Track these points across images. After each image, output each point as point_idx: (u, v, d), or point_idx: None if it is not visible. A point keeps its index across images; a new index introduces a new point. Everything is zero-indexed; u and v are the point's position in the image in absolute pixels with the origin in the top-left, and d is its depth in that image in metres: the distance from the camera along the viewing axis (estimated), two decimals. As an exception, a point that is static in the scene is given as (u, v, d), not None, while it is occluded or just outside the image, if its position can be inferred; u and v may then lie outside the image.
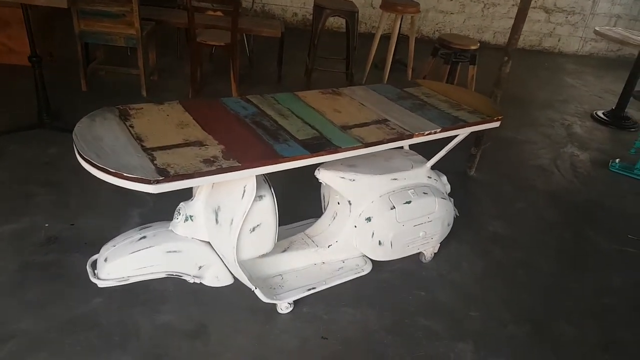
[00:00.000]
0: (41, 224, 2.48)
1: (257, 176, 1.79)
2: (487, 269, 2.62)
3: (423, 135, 2.05)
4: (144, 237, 1.90)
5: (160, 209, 2.69)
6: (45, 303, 2.06)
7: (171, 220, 2.00)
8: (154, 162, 1.55)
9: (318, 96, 2.27)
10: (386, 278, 2.43)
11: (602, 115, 4.82)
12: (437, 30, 6.89)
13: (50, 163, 2.99)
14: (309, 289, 2.17)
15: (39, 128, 3.30)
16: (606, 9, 6.86)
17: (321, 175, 2.13)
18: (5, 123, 3.30)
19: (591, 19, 6.91)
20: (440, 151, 2.38)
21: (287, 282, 2.19)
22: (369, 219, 2.21)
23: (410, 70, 4.92)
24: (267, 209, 1.87)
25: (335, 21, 6.43)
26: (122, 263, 1.86)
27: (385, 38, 4.98)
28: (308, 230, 2.39)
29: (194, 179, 1.54)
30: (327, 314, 2.20)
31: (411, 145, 2.46)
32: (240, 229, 1.81)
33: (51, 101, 3.33)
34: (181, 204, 1.96)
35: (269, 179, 1.97)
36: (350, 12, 4.41)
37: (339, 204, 2.31)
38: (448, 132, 2.14)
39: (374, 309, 2.26)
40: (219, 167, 1.58)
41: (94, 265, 1.95)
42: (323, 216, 2.41)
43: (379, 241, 2.24)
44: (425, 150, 2.43)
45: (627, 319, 2.40)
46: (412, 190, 2.27)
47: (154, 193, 1.50)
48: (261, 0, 6.52)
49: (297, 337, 2.07)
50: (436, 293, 2.40)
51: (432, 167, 2.42)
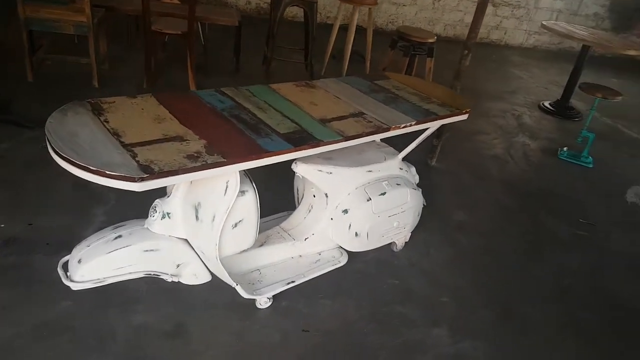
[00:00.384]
0: (-4, 225, 2.34)
1: (239, 171, 1.76)
2: (455, 256, 2.71)
3: (399, 128, 2.08)
4: (120, 236, 1.83)
5: (124, 205, 2.58)
6: (9, 308, 1.94)
7: (141, 217, 1.93)
8: (136, 159, 1.49)
9: (293, 89, 2.25)
10: (361, 268, 2.46)
11: (549, 106, 5.08)
12: (390, 22, 6.98)
13: (0, 158, 2.81)
14: (288, 283, 2.16)
15: (-16, 121, 3.09)
16: (549, 3, 7.19)
17: (299, 168, 2.12)
18: (-54, 116, 3.07)
19: (535, 13, 7.23)
20: (412, 143, 2.43)
21: (266, 277, 2.17)
22: (345, 211, 2.22)
23: (369, 62, 4.96)
24: (250, 204, 1.85)
25: (290, 10, 6.36)
26: (98, 264, 1.78)
27: (341, 29, 4.98)
28: (283, 224, 2.38)
29: (179, 176, 1.49)
30: (306, 307, 2.20)
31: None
32: (223, 225, 1.78)
33: (-5, 92, 3.13)
34: (157, 201, 1.89)
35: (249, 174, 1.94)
36: (309, 2, 4.38)
37: (314, 196, 2.31)
38: (422, 125, 2.19)
39: (352, 299, 2.28)
40: (203, 163, 1.54)
41: (65, 267, 1.86)
42: (298, 209, 2.40)
43: (356, 232, 2.26)
44: (390, 142, 2.46)
45: (587, 300, 2.56)
46: (386, 181, 2.31)
47: (138, 191, 1.44)
48: (213, -13, 6.35)
49: (278, 331, 2.07)
50: (409, 281, 2.46)
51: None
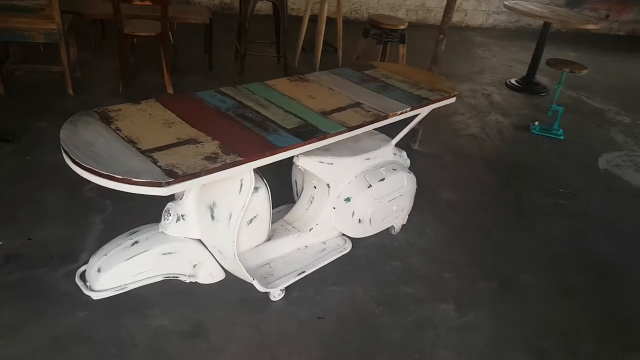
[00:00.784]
0: (-5, 243, 2.30)
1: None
2: (449, 234, 2.83)
3: (396, 115, 2.16)
4: (137, 242, 1.84)
5: (121, 212, 2.58)
6: (23, 325, 1.93)
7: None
8: (158, 164, 1.51)
9: (288, 84, 2.29)
10: (363, 254, 2.54)
11: (515, 83, 5.27)
12: (354, 11, 7.05)
13: (-15, 175, 2.74)
14: (299, 274, 2.22)
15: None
16: (504, -16, 7.40)
17: (300, 162, 2.17)
18: None
19: (492, -7, 7.44)
20: (404, 129, 2.51)
21: (276, 270, 2.22)
22: (348, 199, 2.30)
23: (341, 52, 5.02)
24: (263, 200, 1.89)
25: (258, 5, 6.32)
26: (118, 271, 1.79)
27: (310, 20, 5.01)
28: (286, 217, 2.43)
29: (202, 177, 1.53)
30: (317, 295, 2.27)
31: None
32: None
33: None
34: (169, 204, 1.92)
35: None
36: (280, -4, 4.40)
37: (315, 188, 2.37)
38: (416, 110, 2.27)
39: (359, 284, 2.37)
40: (223, 163, 1.58)
41: (83, 278, 1.86)
42: (299, 202, 2.46)
43: (359, 219, 2.34)
44: (379, 128, 2.51)
45: (575, 263, 2.72)
46: (384, 167, 2.39)
47: (165, 195, 1.47)
48: (175, -15, 6.24)
49: (295, 321, 2.13)
50: (411, 261, 2.56)
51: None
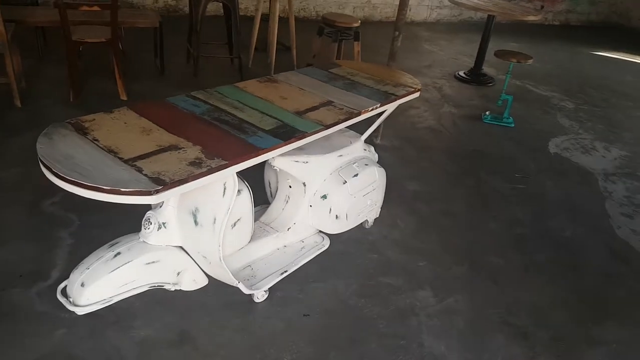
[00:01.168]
0: (-42, 266, 2.18)
1: (233, 171, 1.80)
2: (419, 223, 2.92)
3: (368, 111, 2.21)
4: (119, 254, 1.80)
5: (89, 225, 2.50)
6: (2, 349, 1.84)
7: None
8: (143, 173, 1.49)
9: (258, 85, 2.29)
10: (340, 249, 2.59)
11: (464, 75, 5.48)
12: (302, 9, 7.08)
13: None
14: (282, 273, 2.24)
15: None
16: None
17: (276, 162, 2.18)
18: None
19: (434, -12, 7.68)
20: (373, 125, 2.57)
21: (258, 271, 2.23)
22: (324, 197, 2.33)
23: (295, 51, 5.04)
24: (245, 202, 1.90)
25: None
26: (103, 284, 1.75)
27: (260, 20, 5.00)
28: (263, 218, 2.44)
29: (189, 183, 1.52)
30: (301, 293, 2.30)
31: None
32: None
33: None
34: (149, 212, 1.88)
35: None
36: (231, -3, 4.37)
37: (290, 187, 2.39)
38: (385, 106, 2.33)
39: (340, 278, 2.41)
40: (209, 168, 1.57)
41: (64, 294, 1.80)
42: (274, 202, 2.47)
43: (336, 215, 2.38)
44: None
45: (537, 244, 2.88)
46: (356, 163, 2.44)
47: (152, 203, 1.45)
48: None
49: (281, 320, 2.14)
50: (386, 253, 2.63)
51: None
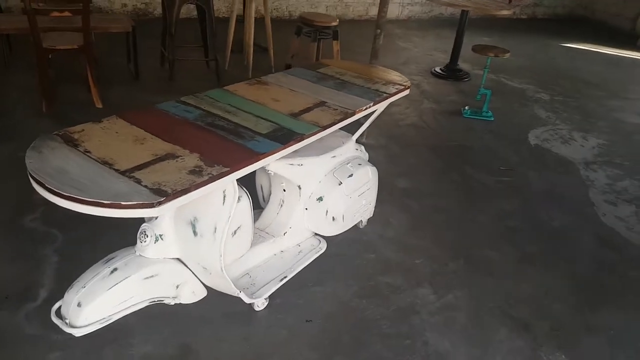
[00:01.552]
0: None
1: (231, 178, 1.74)
2: (411, 220, 2.91)
3: (362, 110, 2.18)
4: (116, 269, 1.72)
5: (74, 240, 2.41)
6: (-8, 377, 1.75)
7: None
8: (143, 184, 1.42)
9: (248, 88, 2.24)
10: (336, 251, 2.55)
11: (440, 71, 5.51)
12: (275, 9, 7.01)
13: None
14: (281, 279, 2.19)
15: None
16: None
17: (271, 166, 2.14)
18: None
19: (404, -14, 7.71)
20: (364, 124, 2.55)
21: (257, 279, 2.17)
22: (320, 199, 2.29)
23: (272, 51, 4.97)
24: (245, 209, 1.84)
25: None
26: (101, 302, 1.66)
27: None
28: (257, 223, 2.38)
29: (192, 193, 1.45)
30: (300, 298, 2.25)
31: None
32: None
33: None
34: (144, 225, 1.80)
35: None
36: (206, -1, 4.28)
37: (284, 191, 2.34)
38: (378, 105, 2.31)
39: (339, 281, 2.37)
40: (210, 176, 1.51)
41: (59, 315, 1.71)
42: (268, 207, 2.42)
43: (333, 217, 2.34)
44: None
45: (528, 235, 2.91)
46: (350, 163, 2.41)
47: (155, 216, 1.38)
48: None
49: (283, 328, 2.10)
50: (382, 252, 2.61)
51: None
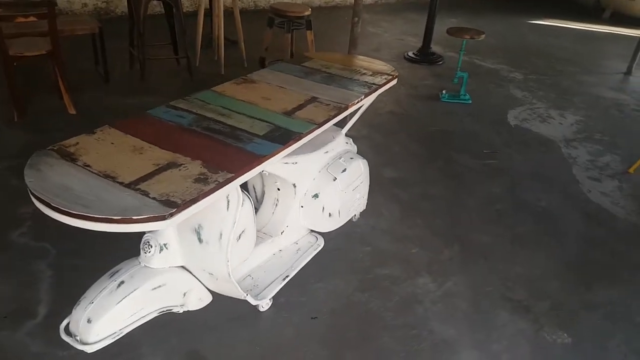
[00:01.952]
0: None
1: (233, 182, 1.71)
2: (402, 210, 2.94)
3: (355, 104, 2.17)
4: (123, 282, 1.67)
5: (67, 253, 2.34)
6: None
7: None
8: (150, 196, 1.38)
9: (237, 88, 2.19)
10: (333, 246, 2.55)
11: (413, 55, 5.54)
12: (240, 0, 6.89)
13: None
14: (284, 279, 2.18)
15: None
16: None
17: (267, 167, 2.11)
18: None
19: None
20: (353, 117, 2.54)
21: (259, 280, 2.16)
22: (316, 196, 2.28)
23: (243, 45, 4.89)
24: (249, 213, 1.81)
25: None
26: (111, 317, 1.62)
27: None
28: (254, 224, 2.36)
29: (200, 202, 1.42)
30: (303, 295, 2.25)
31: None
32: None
33: None
34: (147, 235, 1.76)
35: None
36: (174, -5, 4.17)
37: (279, 190, 2.32)
38: (369, 97, 2.30)
39: (339, 276, 2.38)
40: (217, 183, 1.48)
41: (68, 332, 1.66)
42: (262, 207, 2.39)
43: (329, 213, 2.34)
44: None
45: (517, 216, 2.97)
46: (342, 158, 2.40)
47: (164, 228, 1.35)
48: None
49: (290, 327, 2.09)
50: (378, 244, 2.62)
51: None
